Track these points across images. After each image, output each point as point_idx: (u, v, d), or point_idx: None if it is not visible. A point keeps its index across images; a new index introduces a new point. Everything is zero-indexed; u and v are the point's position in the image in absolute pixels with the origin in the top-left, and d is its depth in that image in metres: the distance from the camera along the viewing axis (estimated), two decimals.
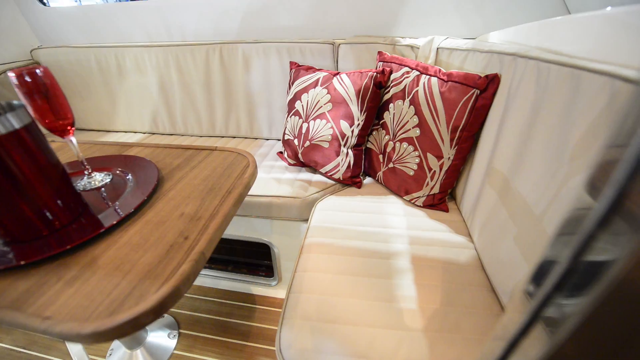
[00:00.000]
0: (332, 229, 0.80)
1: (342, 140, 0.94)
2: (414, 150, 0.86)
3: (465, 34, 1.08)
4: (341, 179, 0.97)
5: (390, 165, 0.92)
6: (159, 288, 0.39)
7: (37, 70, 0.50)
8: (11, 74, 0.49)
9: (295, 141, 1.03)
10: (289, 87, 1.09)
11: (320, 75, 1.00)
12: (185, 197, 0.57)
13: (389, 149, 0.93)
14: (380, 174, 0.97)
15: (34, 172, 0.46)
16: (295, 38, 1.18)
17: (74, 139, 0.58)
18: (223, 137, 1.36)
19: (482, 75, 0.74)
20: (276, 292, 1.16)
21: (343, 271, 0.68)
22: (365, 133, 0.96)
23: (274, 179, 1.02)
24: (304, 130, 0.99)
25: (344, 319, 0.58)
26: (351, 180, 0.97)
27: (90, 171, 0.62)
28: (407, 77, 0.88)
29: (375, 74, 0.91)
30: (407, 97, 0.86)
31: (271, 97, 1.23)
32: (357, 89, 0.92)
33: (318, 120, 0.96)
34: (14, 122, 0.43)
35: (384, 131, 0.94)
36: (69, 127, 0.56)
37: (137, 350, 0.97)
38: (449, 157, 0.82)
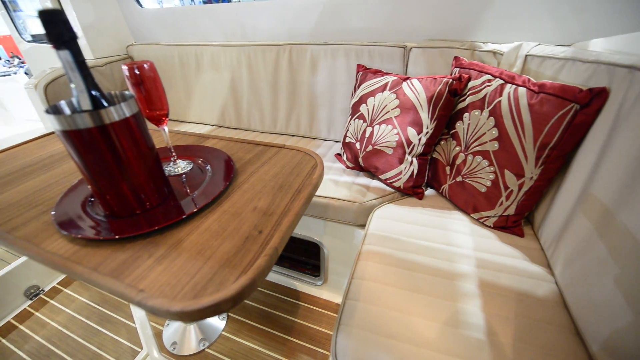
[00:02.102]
0: (391, 239, 0.77)
1: (408, 148, 0.90)
2: (488, 165, 0.79)
3: (558, 40, 0.96)
4: (402, 187, 0.93)
5: (459, 178, 0.86)
6: (237, 278, 0.41)
7: (145, 65, 0.56)
8: (124, 67, 0.55)
9: (357, 145, 1.01)
10: (355, 90, 1.08)
11: (389, 79, 0.97)
12: (257, 191, 0.59)
13: (458, 161, 0.86)
14: (445, 186, 0.91)
15: (135, 155, 0.51)
16: (364, 41, 1.17)
17: (166, 128, 0.63)
18: (283, 134, 1.41)
19: (584, 89, 0.65)
20: (320, 292, 1.16)
21: (403, 285, 0.65)
22: (433, 142, 0.91)
23: (331, 181, 1.02)
24: (367, 135, 0.98)
25: (404, 336, 0.55)
26: (412, 190, 0.93)
27: (175, 158, 0.67)
28: (489, 86, 0.81)
29: (450, 80, 0.86)
30: (487, 107, 0.79)
31: (334, 99, 1.23)
32: (429, 95, 0.87)
33: (383, 126, 0.94)
34: (126, 110, 0.48)
35: (454, 142, 0.88)
36: (163, 117, 0.61)
37: (192, 325, 1.04)
38: (532, 177, 0.73)
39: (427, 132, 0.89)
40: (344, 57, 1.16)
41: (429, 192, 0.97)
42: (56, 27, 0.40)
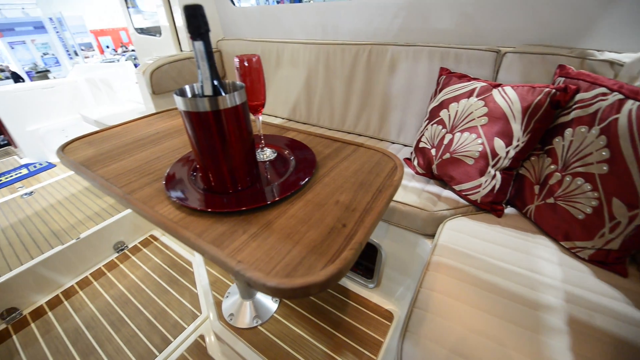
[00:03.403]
0: (464, 254, 0.73)
1: (492, 160, 0.84)
2: (591, 190, 0.69)
3: None
4: (479, 201, 0.87)
5: (550, 200, 0.77)
6: (325, 266, 0.42)
7: (253, 59, 0.61)
8: (236, 59, 0.61)
9: (433, 151, 0.97)
10: (435, 94, 1.04)
11: (477, 85, 0.91)
12: (338, 186, 0.61)
13: (552, 181, 0.77)
14: (531, 207, 0.82)
15: (237, 140, 0.56)
16: (451, 43, 1.11)
17: (260, 118, 0.68)
18: (350, 132, 1.42)
19: None
20: (371, 295, 1.15)
21: (477, 305, 0.61)
22: (522, 157, 0.83)
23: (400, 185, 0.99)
24: (445, 141, 0.93)
25: (477, 359, 0.51)
26: (491, 206, 0.86)
27: (263, 146, 0.72)
28: (603, 100, 0.71)
29: (553, 90, 0.77)
30: (598, 124, 0.70)
31: (409, 101, 1.20)
32: (525, 105, 0.80)
33: (466, 134, 0.88)
34: (237, 99, 0.53)
35: (549, 159, 0.79)
36: (260, 107, 0.66)
37: (248, 301, 1.11)
38: None
39: (517, 145, 0.81)
40: (426, 59, 1.12)
41: (509, 210, 0.89)
42: (196, 20, 0.46)
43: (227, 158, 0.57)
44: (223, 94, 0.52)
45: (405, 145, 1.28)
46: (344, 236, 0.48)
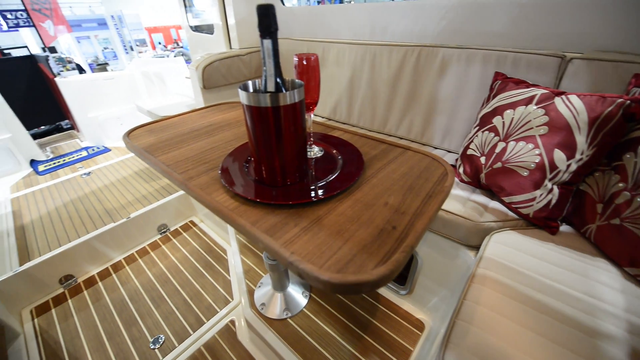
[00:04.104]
0: (512, 270, 0.69)
1: (550, 173, 0.79)
2: None
3: None
4: (531, 216, 0.82)
5: (615, 221, 0.71)
6: (376, 266, 0.43)
7: (312, 57, 0.62)
8: (295, 58, 0.63)
9: (482, 159, 0.93)
10: (488, 100, 0.99)
11: (537, 92, 0.86)
12: (386, 188, 0.60)
13: (618, 201, 0.71)
14: (592, 227, 0.76)
15: (291, 136, 0.58)
16: (508, 46, 1.05)
17: (312, 116, 0.70)
18: (391, 135, 1.40)
19: None
20: (402, 301, 1.13)
21: (527, 324, 0.57)
22: (585, 172, 0.77)
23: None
24: (497, 150, 0.89)
25: None
26: (544, 222, 0.81)
27: (311, 143, 0.74)
28: None
29: (628, 102, 0.70)
30: None
31: (457, 106, 1.16)
32: (594, 116, 0.73)
33: (522, 143, 0.83)
34: (296, 96, 0.55)
35: (617, 176, 0.73)
36: (313, 105, 0.68)
37: (279, 293, 1.14)
38: None
39: (580, 159, 0.75)
40: (480, 63, 1.07)
41: (565, 228, 0.83)
42: (267, 19, 0.48)
43: (281, 153, 0.58)
44: (284, 91, 0.54)
45: (449, 152, 1.23)
46: (394, 238, 0.47)
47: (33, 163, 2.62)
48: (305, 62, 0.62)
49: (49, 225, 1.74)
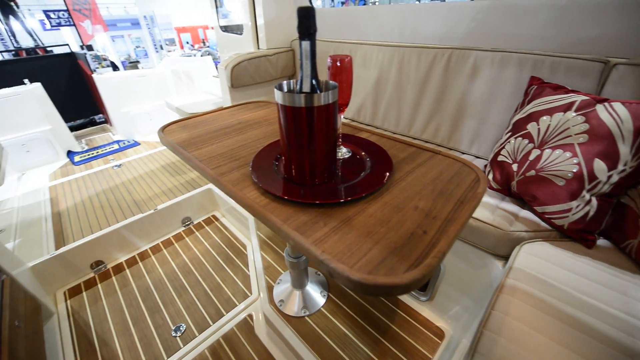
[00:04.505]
0: (544, 282, 0.66)
1: (588, 184, 0.75)
2: None
3: None
4: (565, 227, 0.78)
5: None
6: (408, 270, 0.42)
7: (346, 59, 0.63)
8: (329, 59, 0.64)
9: (514, 166, 0.90)
10: (522, 105, 0.96)
11: (577, 98, 0.82)
12: (416, 191, 0.60)
13: None
14: (633, 242, 0.72)
15: (322, 136, 0.58)
16: (545, 50, 1.01)
17: (342, 117, 0.70)
18: (416, 139, 1.38)
19: None
20: (422, 308, 1.11)
21: (560, 340, 0.55)
22: (627, 184, 0.73)
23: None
24: (531, 157, 0.85)
25: None
26: (580, 235, 0.77)
27: (339, 144, 0.74)
28: None
29: None
30: None
31: (488, 110, 1.12)
32: (639, 125, 0.69)
33: (559, 151, 0.80)
34: (330, 98, 0.55)
35: None
36: (344, 107, 0.68)
37: (298, 291, 1.16)
38: None
39: (622, 170, 0.71)
40: (515, 67, 1.03)
41: (602, 242, 0.79)
42: (308, 21, 0.49)
43: (312, 153, 0.59)
44: (319, 92, 0.54)
45: (478, 157, 1.20)
46: (425, 243, 0.47)
47: (70, 154, 2.79)
48: (339, 64, 0.63)
49: (83, 213, 1.84)
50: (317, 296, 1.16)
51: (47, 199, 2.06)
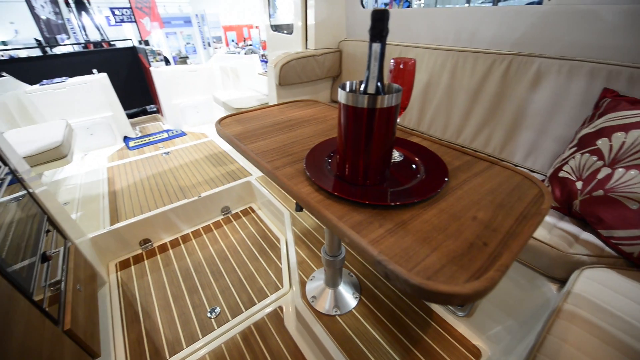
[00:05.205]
0: (607, 312, 0.61)
1: None
2: None
3: None
4: (635, 255, 0.71)
5: None
6: (468, 280, 0.41)
7: (409, 62, 0.62)
8: (392, 61, 0.64)
9: (578, 184, 0.83)
10: (591, 119, 0.88)
11: None
12: (474, 201, 0.58)
13: None
14: None
15: (380, 138, 0.58)
16: (623, 60, 0.92)
17: (398, 120, 0.70)
18: (464, 147, 1.33)
19: None
20: (458, 323, 1.07)
21: None
22: None
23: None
24: (600, 176, 0.79)
25: None
26: None
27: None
28: None
29: None
30: None
31: (549, 122, 1.05)
32: None
33: (633, 171, 0.73)
34: (393, 100, 0.55)
35: None
36: (402, 110, 0.68)
37: (331, 290, 1.17)
38: None
39: None
40: (585, 77, 0.96)
41: None
42: (381, 24, 0.49)
43: (368, 153, 0.60)
44: (382, 94, 0.55)
45: (533, 171, 1.12)
46: (486, 255, 0.45)
47: (125, 139, 3.04)
48: (402, 66, 0.62)
49: (135, 194, 2.00)
50: (349, 297, 1.16)
51: (104, 178, 2.28)
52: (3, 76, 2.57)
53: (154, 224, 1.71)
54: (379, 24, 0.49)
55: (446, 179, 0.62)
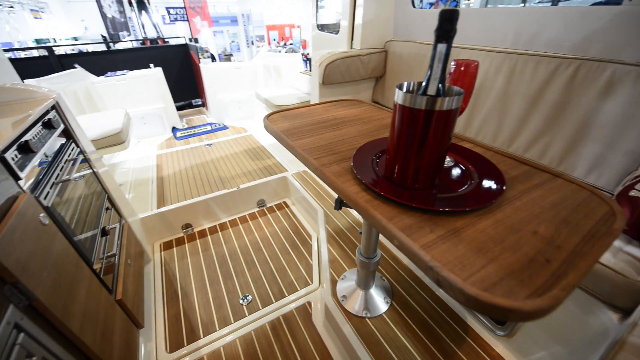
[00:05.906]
0: None
1: None
2: None
3: None
4: None
5: None
6: (529, 296, 0.39)
7: (472, 64, 0.60)
8: (453, 63, 0.61)
9: None
10: None
11: None
12: (534, 214, 0.54)
13: None
14: None
15: (436, 142, 0.56)
16: None
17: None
18: (515, 156, 1.24)
19: None
20: (496, 343, 1.01)
21: None
22: None
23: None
24: None
25: None
26: None
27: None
28: None
29: None
30: None
31: (620, 135, 0.95)
32: None
33: None
34: (453, 104, 0.53)
35: None
36: (459, 112, 0.65)
37: (362, 291, 1.16)
38: None
39: None
40: None
41: None
42: (450, 24, 0.48)
43: (419, 157, 0.58)
44: (443, 96, 0.53)
45: (596, 187, 1.02)
46: (549, 272, 0.42)
47: (173, 129, 3.26)
48: (463, 68, 0.60)
49: (179, 181, 2.14)
50: (380, 301, 1.15)
51: (154, 164, 2.46)
52: (75, 67, 2.88)
53: (195, 210, 1.82)
54: (447, 24, 0.48)
55: (504, 187, 0.59)
